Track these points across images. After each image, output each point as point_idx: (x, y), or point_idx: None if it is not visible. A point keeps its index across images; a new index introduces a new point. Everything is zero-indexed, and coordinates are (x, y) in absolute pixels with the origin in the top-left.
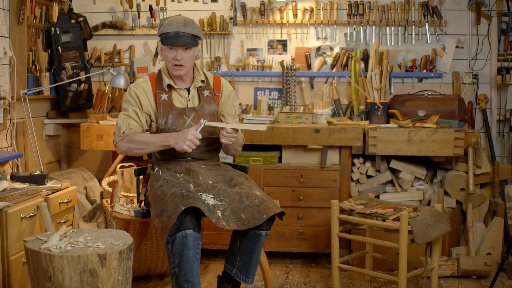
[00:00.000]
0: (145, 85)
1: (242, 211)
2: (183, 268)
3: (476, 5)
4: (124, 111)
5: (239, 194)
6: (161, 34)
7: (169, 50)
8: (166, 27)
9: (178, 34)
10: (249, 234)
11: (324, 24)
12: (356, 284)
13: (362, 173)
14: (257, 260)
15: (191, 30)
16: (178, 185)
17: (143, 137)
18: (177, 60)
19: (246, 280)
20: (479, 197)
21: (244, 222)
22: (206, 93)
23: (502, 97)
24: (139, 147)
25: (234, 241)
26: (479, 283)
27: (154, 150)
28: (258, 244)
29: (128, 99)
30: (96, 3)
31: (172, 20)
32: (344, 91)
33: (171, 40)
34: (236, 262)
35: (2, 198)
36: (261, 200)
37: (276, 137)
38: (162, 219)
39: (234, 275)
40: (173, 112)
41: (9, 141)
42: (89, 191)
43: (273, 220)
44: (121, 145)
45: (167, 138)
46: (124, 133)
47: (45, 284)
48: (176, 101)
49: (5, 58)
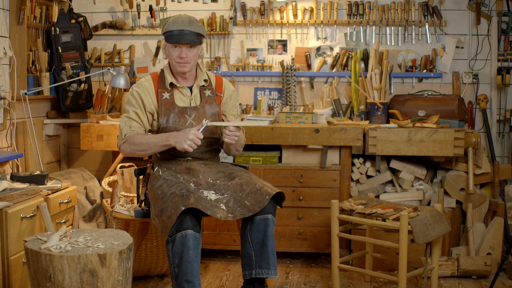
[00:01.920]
0: (148, 84)
1: (245, 198)
2: (183, 268)
3: (476, 5)
4: (125, 113)
5: (239, 184)
6: (166, 32)
7: (173, 48)
8: (170, 25)
9: (183, 32)
10: (256, 223)
11: (324, 24)
12: (356, 284)
13: (362, 173)
14: (273, 248)
15: (196, 29)
16: (178, 185)
17: (144, 138)
18: (181, 58)
19: (269, 272)
20: (479, 197)
21: (249, 208)
22: (208, 92)
23: (502, 97)
24: (141, 148)
25: (244, 241)
26: (479, 283)
27: (156, 151)
28: (268, 230)
29: (129, 99)
30: (96, 3)
31: (176, 19)
32: (344, 91)
33: (176, 38)
34: (253, 262)
35: (2, 198)
36: (261, 184)
37: (276, 137)
38: (162, 219)
39: (255, 275)
40: (174, 111)
41: (9, 141)
42: (89, 191)
43: (275, 206)
44: (125, 148)
45: (168, 137)
46: (126, 135)
47: (45, 284)
48: (178, 100)
49: (5, 58)
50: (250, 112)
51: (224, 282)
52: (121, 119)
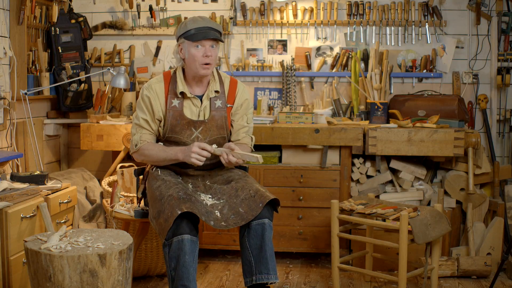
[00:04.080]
0: (158, 87)
1: (239, 205)
2: (179, 272)
3: (476, 5)
4: (135, 119)
5: (235, 189)
6: (186, 32)
7: (196, 48)
8: (190, 24)
9: (209, 29)
10: (253, 228)
11: (324, 24)
12: (356, 284)
13: (362, 173)
14: (272, 253)
15: (218, 26)
16: (176, 186)
17: (154, 151)
18: (207, 57)
19: (269, 277)
20: (479, 197)
21: (243, 216)
22: (218, 103)
23: (502, 97)
24: (152, 160)
25: (244, 248)
26: (479, 283)
27: (167, 163)
28: (265, 234)
29: (140, 103)
30: (96, 3)
31: (195, 18)
32: (344, 91)
33: (203, 35)
34: (253, 268)
35: (2, 198)
36: (256, 190)
37: (276, 137)
38: (159, 221)
39: (256, 281)
40: (181, 122)
41: (9, 141)
42: (89, 191)
43: (272, 211)
44: (137, 157)
45: (177, 153)
46: (137, 146)
47: (45, 284)
48: (187, 110)
49: (5, 58)
50: None
51: (224, 282)
52: (132, 125)
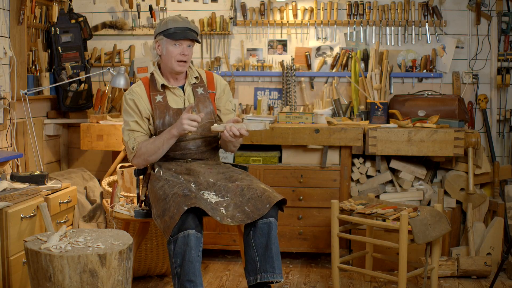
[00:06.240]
0: (139, 89)
1: (245, 204)
2: (185, 268)
3: (476, 5)
4: (125, 125)
5: (240, 188)
6: (166, 30)
7: (174, 46)
8: (171, 23)
9: (188, 29)
10: (259, 227)
11: (324, 24)
12: (356, 284)
13: (362, 173)
14: (278, 252)
15: (195, 28)
16: (179, 185)
17: (149, 142)
18: (183, 55)
19: (274, 276)
20: (479, 197)
21: (249, 214)
22: (200, 90)
23: (502, 97)
24: (151, 153)
25: (248, 246)
26: (479, 283)
27: (166, 149)
28: (271, 233)
29: (126, 109)
30: (96, 3)
31: (175, 18)
32: (344, 91)
33: (182, 35)
34: (257, 266)
35: (2, 198)
36: (262, 190)
37: (276, 137)
38: (164, 219)
39: (260, 279)
40: (169, 113)
41: (9, 141)
42: (89, 191)
43: (277, 210)
44: (137, 161)
45: (170, 130)
46: (134, 148)
47: (45, 284)
48: (171, 101)
49: (5, 58)
50: (250, 112)
51: (224, 282)
52: (124, 133)
